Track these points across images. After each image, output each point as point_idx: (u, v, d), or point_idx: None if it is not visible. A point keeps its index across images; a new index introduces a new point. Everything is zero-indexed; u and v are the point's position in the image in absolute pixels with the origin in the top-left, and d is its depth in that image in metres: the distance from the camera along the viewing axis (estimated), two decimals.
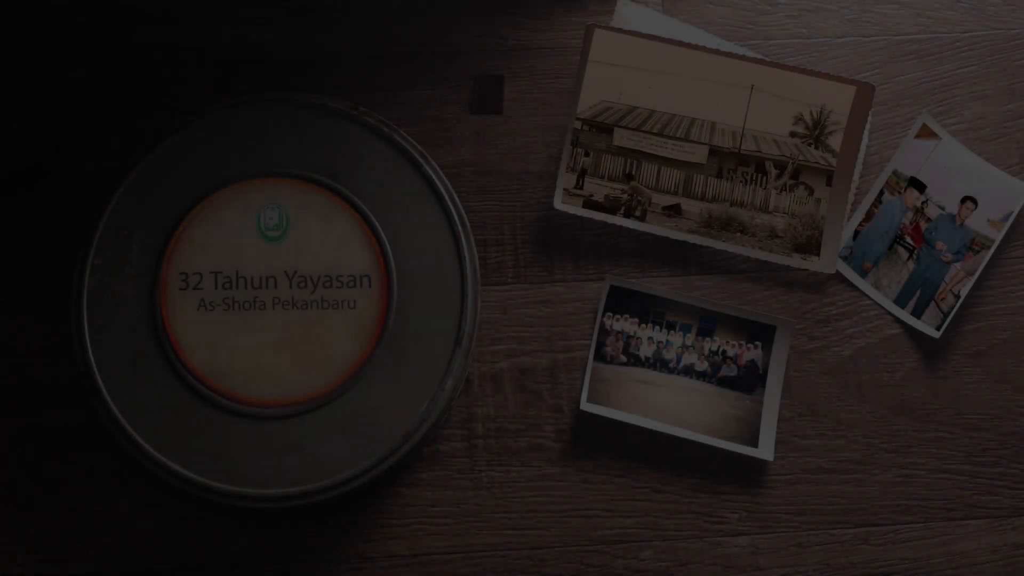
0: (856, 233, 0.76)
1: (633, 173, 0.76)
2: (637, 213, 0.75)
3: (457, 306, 0.70)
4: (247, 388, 0.69)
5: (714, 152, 0.76)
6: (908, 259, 0.75)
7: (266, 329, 0.70)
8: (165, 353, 0.69)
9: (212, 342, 0.69)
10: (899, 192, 0.76)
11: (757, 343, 0.74)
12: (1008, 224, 0.75)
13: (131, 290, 0.70)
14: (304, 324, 0.70)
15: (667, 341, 0.74)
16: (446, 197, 0.71)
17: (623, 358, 0.74)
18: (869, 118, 0.76)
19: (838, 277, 0.76)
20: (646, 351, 0.74)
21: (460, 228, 0.71)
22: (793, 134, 0.76)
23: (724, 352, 0.74)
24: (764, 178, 0.76)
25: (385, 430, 0.68)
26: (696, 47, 0.75)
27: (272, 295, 0.70)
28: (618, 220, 0.75)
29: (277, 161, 0.72)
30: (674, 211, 0.75)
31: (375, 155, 0.72)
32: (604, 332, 0.74)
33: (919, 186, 0.76)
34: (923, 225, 0.76)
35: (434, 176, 0.71)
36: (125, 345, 0.69)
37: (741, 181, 0.75)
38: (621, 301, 0.74)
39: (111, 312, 0.69)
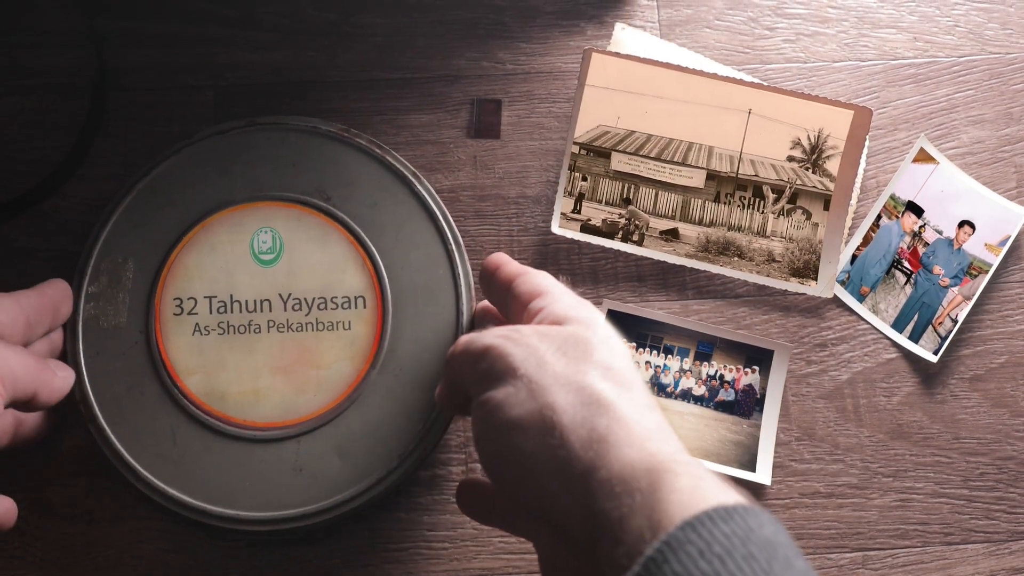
0: (854, 257, 0.76)
1: (631, 197, 0.76)
2: (635, 237, 0.75)
3: (452, 324, 0.70)
4: (243, 411, 0.69)
5: (712, 176, 0.76)
6: (906, 283, 0.75)
7: (261, 352, 0.70)
8: (161, 378, 0.69)
9: (207, 366, 0.69)
10: (896, 216, 0.76)
11: (755, 367, 0.74)
12: (1006, 249, 0.75)
13: (126, 317, 0.70)
14: (299, 346, 0.70)
15: (664, 365, 0.74)
16: (439, 216, 0.71)
17: None
18: (867, 142, 0.76)
19: (836, 301, 0.76)
20: (643, 375, 0.74)
21: (454, 246, 0.71)
22: (791, 158, 0.76)
23: (722, 376, 0.74)
24: (762, 202, 0.76)
25: (382, 450, 0.68)
26: (694, 71, 0.76)
27: (267, 318, 0.70)
28: (616, 244, 0.75)
29: (269, 185, 0.72)
30: (672, 235, 0.76)
31: (367, 177, 0.72)
32: None
33: (917, 210, 0.76)
34: (921, 249, 0.76)
35: (427, 196, 0.72)
36: (121, 371, 0.69)
37: (739, 205, 0.76)
38: (618, 325, 0.74)
39: (106, 339, 0.69)
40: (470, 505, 0.62)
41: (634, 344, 0.74)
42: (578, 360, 0.50)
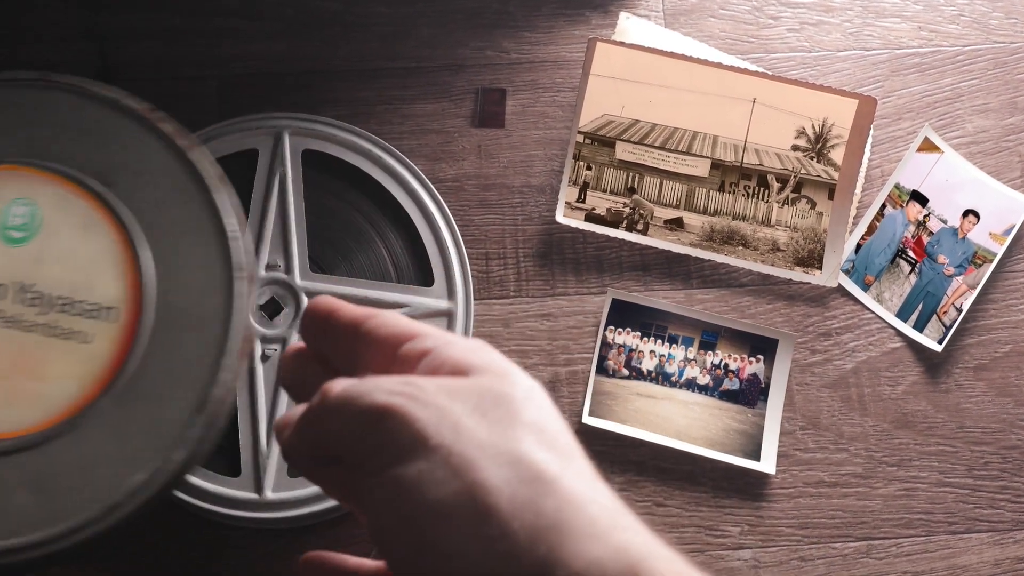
0: (858, 247, 0.76)
1: (635, 187, 0.76)
2: (639, 227, 0.75)
3: (214, 363, 0.57)
4: None
5: (716, 166, 0.76)
6: (910, 273, 0.75)
7: None
8: None
9: None
10: (901, 206, 0.76)
11: (759, 356, 0.74)
12: (1010, 238, 0.75)
13: None
14: (21, 349, 0.58)
15: (669, 355, 0.74)
16: (228, 235, 0.59)
17: (625, 372, 0.74)
18: (871, 132, 0.76)
19: (840, 291, 0.76)
20: (648, 365, 0.74)
21: (237, 273, 0.58)
22: (795, 147, 0.76)
23: (726, 366, 0.74)
24: (766, 192, 0.76)
25: (87, 495, 0.55)
26: (698, 60, 0.76)
27: None
28: (620, 233, 0.75)
29: (44, 152, 0.60)
30: (676, 225, 0.75)
31: (162, 171, 0.60)
32: (606, 346, 0.74)
33: (921, 200, 0.76)
34: (925, 239, 0.76)
35: (222, 208, 0.60)
36: None
37: (743, 195, 0.76)
38: (623, 315, 0.74)
39: None
40: None
41: (639, 333, 0.74)
42: (504, 423, 0.39)
